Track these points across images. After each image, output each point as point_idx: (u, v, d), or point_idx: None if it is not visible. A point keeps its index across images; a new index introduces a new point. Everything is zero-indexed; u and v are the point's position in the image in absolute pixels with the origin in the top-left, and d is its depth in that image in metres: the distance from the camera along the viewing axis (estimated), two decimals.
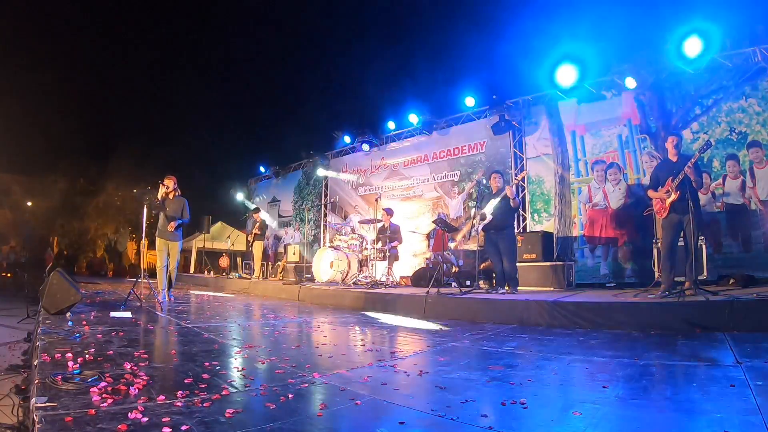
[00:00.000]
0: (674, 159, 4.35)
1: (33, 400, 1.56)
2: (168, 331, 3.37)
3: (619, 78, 6.78)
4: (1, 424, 1.74)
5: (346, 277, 7.81)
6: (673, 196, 4.17)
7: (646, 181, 6.58)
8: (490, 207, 5.53)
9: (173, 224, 5.71)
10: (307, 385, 1.98)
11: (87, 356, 2.24)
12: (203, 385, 1.85)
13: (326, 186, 11.99)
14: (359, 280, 7.63)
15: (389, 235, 7.57)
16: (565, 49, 7.08)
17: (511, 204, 5.41)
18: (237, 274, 10.91)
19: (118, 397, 1.63)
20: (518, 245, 6.22)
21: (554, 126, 7.73)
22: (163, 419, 1.43)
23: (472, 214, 6.78)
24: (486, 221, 5.56)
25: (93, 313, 4.04)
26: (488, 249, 5.69)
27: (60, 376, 1.80)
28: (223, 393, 1.77)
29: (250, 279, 9.80)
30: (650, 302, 3.83)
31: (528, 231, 7.42)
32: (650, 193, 4.51)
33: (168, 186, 5.82)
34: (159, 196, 5.82)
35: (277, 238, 13.25)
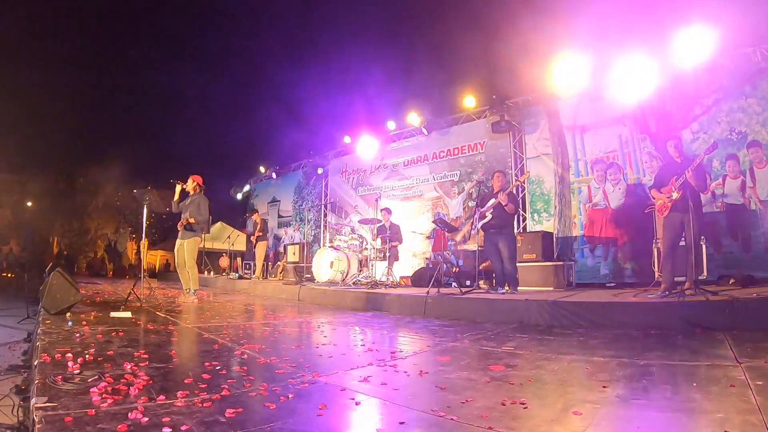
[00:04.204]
0: (678, 160, 4.36)
1: (33, 400, 1.55)
2: (168, 331, 3.37)
3: (618, 77, 6.77)
4: (1, 424, 1.73)
5: (346, 277, 7.80)
6: (675, 196, 4.18)
7: (646, 180, 6.59)
8: (490, 207, 5.53)
9: (181, 222, 5.86)
10: (307, 385, 1.98)
11: (87, 356, 2.24)
12: (203, 385, 1.85)
13: (326, 186, 11.99)
14: (359, 280, 7.63)
15: (389, 235, 7.57)
16: (564, 48, 7.07)
17: (506, 210, 5.38)
18: (237, 275, 10.90)
19: (118, 397, 1.63)
20: (518, 245, 6.21)
21: (554, 126, 7.73)
22: (163, 419, 1.43)
23: (472, 214, 6.78)
24: (486, 221, 5.56)
25: (93, 313, 4.04)
26: (488, 249, 5.68)
27: (60, 376, 1.80)
28: (223, 393, 1.76)
29: (250, 279, 9.80)
30: (650, 302, 3.84)
31: (528, 231, 7.42)
32: (653, 192, 4.54)
33: (186, 186, 6.00)
34: (175, 197, 6.02)
35: (277, 239, 13.25)
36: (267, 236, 10.82)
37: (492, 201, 5.54)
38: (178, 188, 5.94)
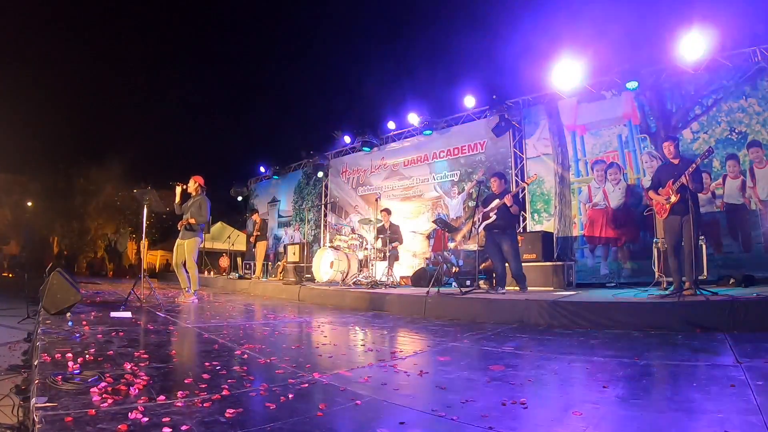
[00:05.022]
0: (676, 162, 4.35)
1: (33, 400, 1.55)
2: (168, 331, 3.37)
3: (619, 78, 6.78)
4: (1, 424, 1.73)
5: (346, 277, 7.80)
6: (674, 199, 4.17)
7: (646, 181, 6.59)
8: (494, 207, 5.52)
9: (181, 222, 5.89)
10: (307, 385, 1.98)
11: (87, 356, 2.24)
12: (203, 385, 1.85)
13: (326, 186, 11.99)
14: (359, 280, 7.63)
15: (389, 235, 7.57)
16: (565, 48, 7.08)
17: (511, 211, 5.40)
18: (237, 274, 10.90)
19: (118, 397, 1.63)
20: (519, 245, 6.20)
21: (554, 126, 7.73)
22: (163, 419, 1.43)
23: (473, 214, 6.78)
24: (489, 221, 5.55)
25: (93, 313, 4.04)
26: (489, 249, 5.68)
27: (60, 376, 1.80)
28: (223, 393, 1.76)
29: (250, 279, 9.80)
30: (650, 302, 3.83)
31: (528, 231, 7.42)
32: (651, 194, 4.52)
33: (187, 187, 6.01)
34: (176, 198, 6.02)
35: (277, 239, 13.24)
36: (266, 236, 10.81)
37: (496, 201, 5.53)
38: (179, 190, 5.95)
